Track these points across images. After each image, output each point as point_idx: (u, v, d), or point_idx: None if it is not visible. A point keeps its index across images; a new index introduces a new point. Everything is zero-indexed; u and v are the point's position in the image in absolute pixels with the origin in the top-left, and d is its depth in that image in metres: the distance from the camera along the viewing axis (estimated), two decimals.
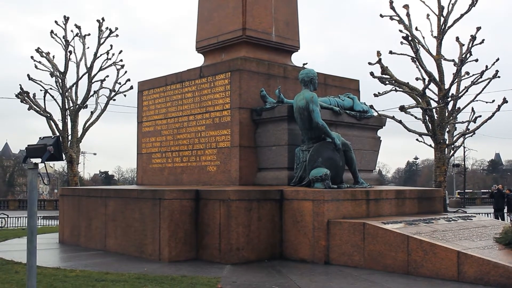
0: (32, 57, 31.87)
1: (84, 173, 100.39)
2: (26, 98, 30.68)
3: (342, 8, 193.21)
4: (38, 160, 7.85)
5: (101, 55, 32.59)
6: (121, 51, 33.07)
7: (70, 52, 32.20)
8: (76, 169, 33.06)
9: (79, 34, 32.54)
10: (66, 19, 32.66)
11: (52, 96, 31.38)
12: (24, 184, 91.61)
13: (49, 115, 31.14)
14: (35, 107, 31.00)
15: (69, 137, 31.85)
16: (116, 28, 32.77)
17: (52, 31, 32.20)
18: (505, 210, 28.43)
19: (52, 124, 31.31)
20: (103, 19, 32.69)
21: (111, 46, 32.71)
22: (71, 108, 31.98)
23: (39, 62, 31.96)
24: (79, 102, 32.24)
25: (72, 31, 32.64)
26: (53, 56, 32.38)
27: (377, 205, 10.95)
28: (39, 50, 31.94)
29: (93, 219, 12.60)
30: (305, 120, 11.09)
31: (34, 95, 30.94)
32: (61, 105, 31.75)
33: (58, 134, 30.86)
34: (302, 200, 10.40)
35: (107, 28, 32.76)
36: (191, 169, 13.10)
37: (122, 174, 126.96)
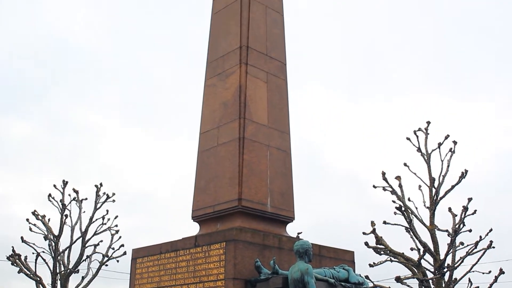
0: (27, 220, 31.87)
1: None
2: (17, 260, 30.28)
3: (329, 176, 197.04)
4: None
5: (96, 219, 32.65)
6: (116, 217, 33.18)
7: (66, 216, 32.30)
8: None
9: (76, 198, 32.86)
10: (65, 183, 33.19)
11: (44, 260, 30.97)
12: None
13: (39, 279, 30.53)
14: (26, 270, 30.46)
15: None
16: (113, 194, 33.16)
17: (50, 195, 32.56)
18: None
19: None
20: (101, 184, 33.19)
21: (107, 211, 32.91)
22: (62, 272, 31.44)
23: (34, 224, 31.94)
24: (71, 266, 31.77)
25: (69, 195, 33.01)
26: (49, 219, 32.46)
27: None
28: (35, 213, 32.05)
29: None
30: None
31: (25, 258, 30.53)
32: (52, 269, 31.25)
33: None
34: None
35: (104, 193, 33.18)
36: None
37: None
